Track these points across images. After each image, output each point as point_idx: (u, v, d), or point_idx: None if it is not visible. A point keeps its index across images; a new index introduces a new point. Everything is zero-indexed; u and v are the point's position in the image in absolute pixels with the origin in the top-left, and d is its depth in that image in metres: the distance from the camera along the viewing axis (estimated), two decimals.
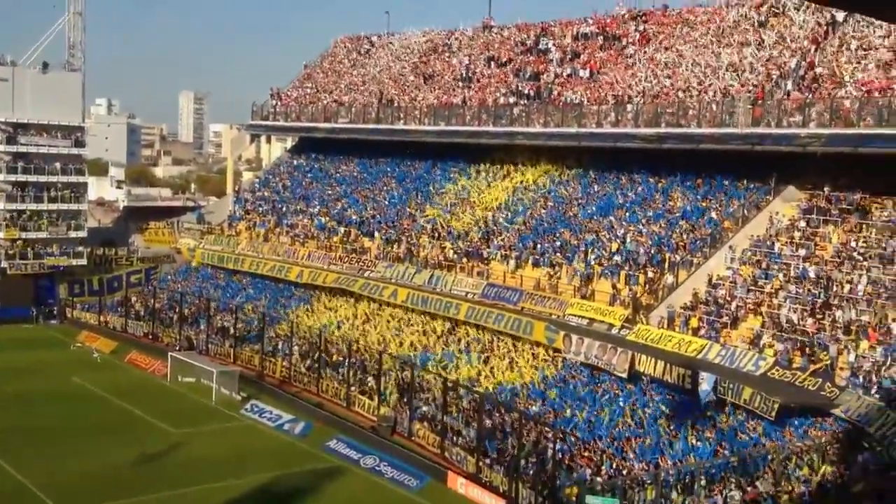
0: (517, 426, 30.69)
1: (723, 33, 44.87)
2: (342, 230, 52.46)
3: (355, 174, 59.29)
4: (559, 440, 29.28)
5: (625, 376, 33.40)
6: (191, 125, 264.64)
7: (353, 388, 39.13)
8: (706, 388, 29.62)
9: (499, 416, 32.98)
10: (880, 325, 29.65)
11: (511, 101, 50.27)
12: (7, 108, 58.12)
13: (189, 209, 72.36)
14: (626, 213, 41.84)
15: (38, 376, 43.45)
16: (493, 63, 55.85)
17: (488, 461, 30.92)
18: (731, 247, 36.42)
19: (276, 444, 35.13)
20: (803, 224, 35.80)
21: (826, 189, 36.31)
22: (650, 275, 37.21)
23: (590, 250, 40.19)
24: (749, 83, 39.62)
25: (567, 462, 29.20)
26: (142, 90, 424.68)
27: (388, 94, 58.95)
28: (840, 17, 39.91)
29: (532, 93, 49.97)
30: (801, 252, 34.47)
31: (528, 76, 51.84)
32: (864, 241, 33.39)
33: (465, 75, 56.03)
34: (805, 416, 28.21)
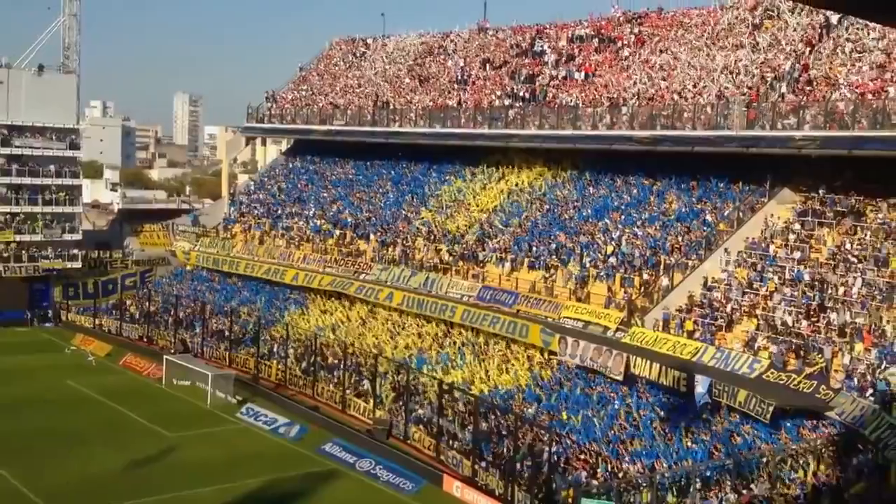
0: (513, 429, 30.68)
1: (717, 36, 44.97)
2: (337, 233, 52.46)
3: (350, 176, 59.26)
4: (555, 443, 29.28)
5: (620, 379, 33.41)
6: (186, 127, 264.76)
7: (348, 392, 39.10)
8: (701, 390, 29.64)
9: (494, 418, 32.98)
10: (875, 327, 29.70)
11: (506, 103, 50.29)
12: (2, 111, 57.97)
13: (184, 212, 72.02)
14: (622, 215, 41.87)
15: (32, 380, 43.33)
16: (488, 65, 55.87)
17: (484, 464, 30.91)
18: (726, 249, 36.46)
19: (272, 448, 35.07)
20: (798, 226, 35.88)
21: (821, 191, 36.37)
22: (645, 277, 37.27)
23: (585, 253, 40.23)
24: (743, 85, 39.71)
25: (563, 465, 29.22)
26: (137, 93, 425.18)
27: (383, 96, 58.95)
28: (834, 19, 40.01)
29: (527, 95, 49.99)
30: (796, 254, 34.53)
31: (523, 78, 51.87)
32: (859, 243, 33.46)
33: (460, 78, 56.05)
34: (800, 418, 28.26)
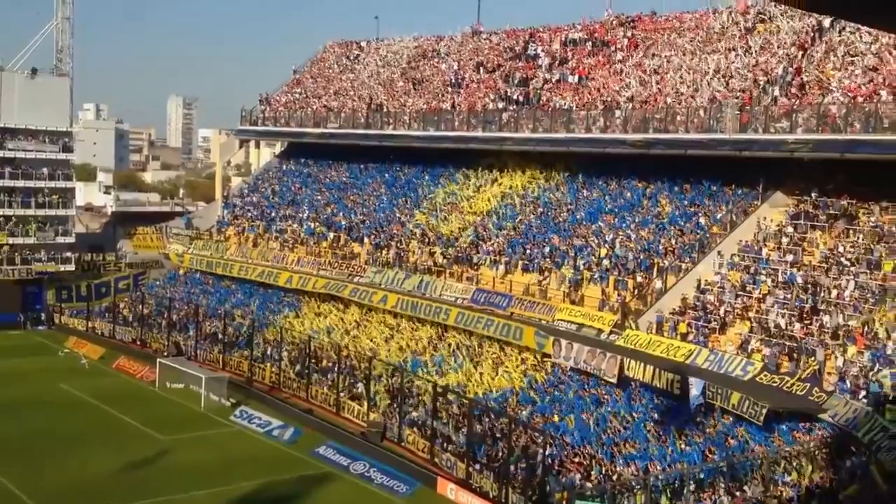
0: (507, 431, 30.75)
1: (710, 39, 45.08)
2: (331, 235, 52.45)
3: (344, 179, 59.27)
4: (549, 445, 29.33)
5: (614, 381, 33.45)
6: (179, 130, 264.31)
7: (342, 394, 39.11)
8: (695, 392, 29.70)
9: (488, 421, 33.02)
10: (867, 329, 29.78)
11: (500, 106, 50.35)
12: None
13: (177, 214, 71.99)
14: (615, 218, 41.96)
15: (25, 383, 43.24)
16: (481, 69, 55.94)
17: (478, 467, 30.94)
18: (719, 252, 36.56)
19: (265, 451, 35.05)
20: (791, 229, 35.97)
21: (813, 194, 36.47)
22: (639, 280, 37.33)
23: (579, 256, 40.29)
24: (736, 89, 39.81)
25: (556, 467, 29.27)
26: (130, 95, 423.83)
27: (377, 99, 58.99)
28: (826, 23, 40.11)
29: (521, 98, 50.04)
30: (789, 257, 34.63)
31: (516, 82, 51.94)
32: (852, 246, 33.56)
33: (454, 81, 56.11)
34: (793, 420, 28.33)
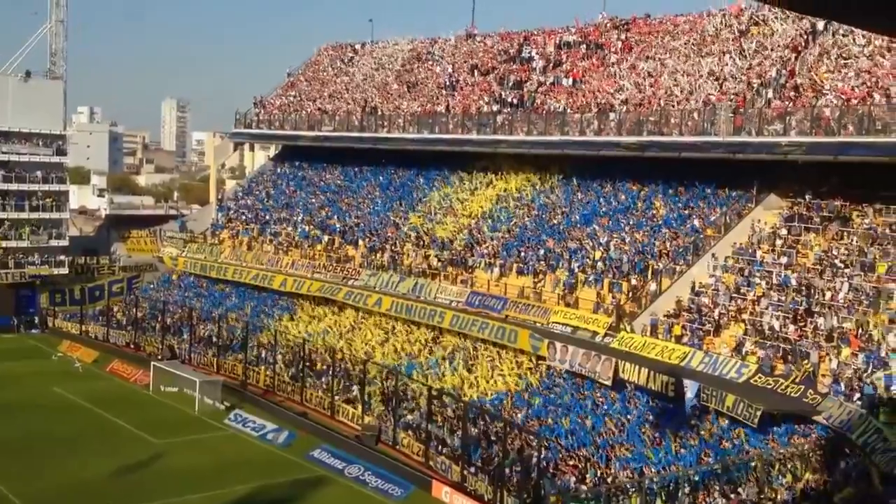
0: (502, 434, 30.70)
1: (704, 42, 45.15)
2: (326, 238, 52.39)
3: (339, 182, 59.23)
4: (544, 448, 29.32)
5: (609, 384, 33.48)
6: (173, 133, 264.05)
7: (337, 397, 39.04)
8: (690, 395, 29.73)
9: (483, 424, 33.00)
10: (862, 331, 29.83)
11: (494, 109, 50.36)
12: None
13: (172, 217, 71.85)
14: (610, 220, 41.98)
15: (18, 386, 43.11)
16: (476, 71, 55.95)
17: (473, 470, 30.91)
18: (713, 254, 36.60)
19: (260, 454, 34.97)
20: (785, 232, 36.03)
21: (807, 197, 36.52)
22: (633, 282, 37.36)
23: (573, 258, 40.31)
24: (730, 92, 39.88)
25: (551, 470, 29.25)
26: (124, 98, 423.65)
27: (371, 102, 58.97)
28: (820, 25, 40.22)
29: (515, 101, 50.08)
30: (783, 260, 34.68)
31: (511, 84, 51.96)
32: (846, 248, 33.62)
33: (448, 83, 56.12)
34: (788, 423, 28.37)
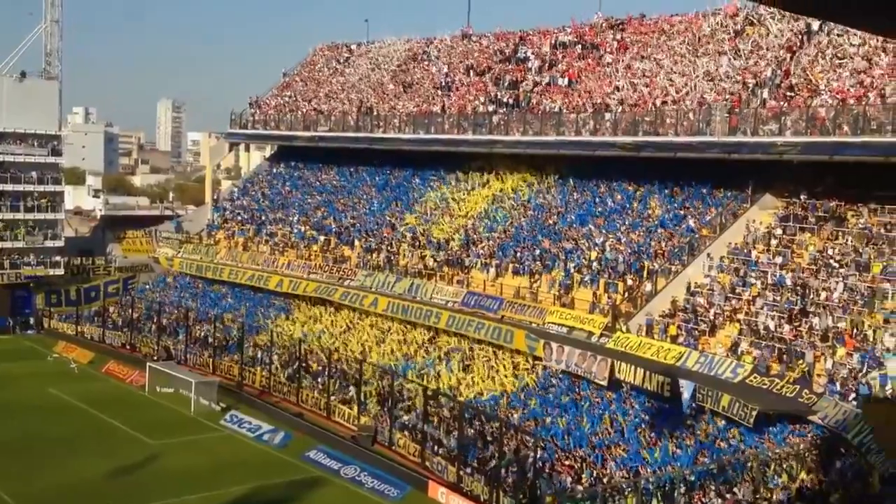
0: (498, 435, 30.71)
1: (699, 42, 45.18)
2: (322, 239, 52.35)
3: (335, 182, 59.19)
4: (540, 449, 29.32)
5: (605, 384, 33.49)
6: (169, 133, 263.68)
7: (333, 398, 39.01)
8: (686, 395, 29.74)
9: (479, 424, 32.98)
10: (857, 331, 29.89)
11: (490, 109, 50.34)
12: None
13: (167, 218, 71.83)
14: (605, 221, 42.00)
15: (14, 387, 43.06)
16: (471, 71, 55.94)
17: (469, 470, 30.90)
18: (708, 255, 36.64)
19: (256, 455, 34.94)
20: (780, 232, 36.07)
21: (802, 197, 36.58)
22: (629, 283, 37.38)
23: (569, 259, 40.33)
24: (725, 92, 39.91)
25: (547, 470, 29.24)
26: (119, 99, 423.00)
27: (367, 102, 58.95)
28: (815, 26, 40.27)
29: (511, 101, 50.08)
30: (778, 259, 34.72)
31: (506, 84, 51.95)
32: (841, 248, 33.67)
33: (444, 83, 56.11)
34: (783, 423, 28.40)
